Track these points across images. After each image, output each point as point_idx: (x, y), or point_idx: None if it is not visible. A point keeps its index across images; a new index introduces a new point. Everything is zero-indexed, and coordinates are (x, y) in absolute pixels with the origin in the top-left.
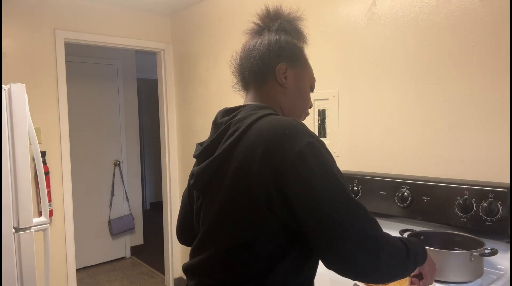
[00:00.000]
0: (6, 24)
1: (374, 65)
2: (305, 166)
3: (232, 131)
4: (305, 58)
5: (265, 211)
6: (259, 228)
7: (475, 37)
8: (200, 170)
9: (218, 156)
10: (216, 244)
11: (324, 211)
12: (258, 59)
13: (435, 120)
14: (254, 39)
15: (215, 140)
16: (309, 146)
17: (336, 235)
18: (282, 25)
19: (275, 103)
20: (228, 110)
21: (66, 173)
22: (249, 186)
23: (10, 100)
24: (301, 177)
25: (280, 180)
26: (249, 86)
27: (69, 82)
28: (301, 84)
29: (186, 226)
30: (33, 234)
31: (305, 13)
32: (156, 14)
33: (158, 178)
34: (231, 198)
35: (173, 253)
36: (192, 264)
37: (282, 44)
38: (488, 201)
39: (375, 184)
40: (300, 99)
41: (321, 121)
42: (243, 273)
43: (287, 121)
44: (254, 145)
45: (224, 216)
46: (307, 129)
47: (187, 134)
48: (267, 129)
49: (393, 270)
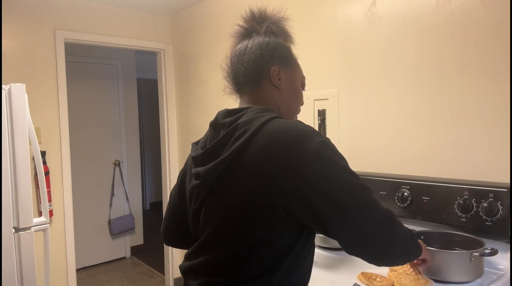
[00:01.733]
0: (6, 24)
1: (374, 65)
2: (322, 163)
3: (240, 133)
4: (294, 58)
5: (282, 213)
6: (273, 229)
7: (475, 37)
8: (206, 170)
9: (227, 157)
10: (225, 244)
11: (345, 200)
12: (252, 63)
13: (435, 120)
14: (243, 42)
15: (221, 141)
16: (323, 144)
17: (358, 220)
18: (270, 27)
19: (272, 104)
20: (229, 111)
21: (66, 173)
22: (265, 189)
23: (10, 100)
24: (320, 173)
25: (298, 180)
26: (243, 89)
27: (69, 82)
28: (294, 84)
29: (176, 226)
30: (33, 234)
31: (305, 13)
32: (156, 14)
33: (158, 178)
34: (245, 200)
35: (173, 253)
36: (194, 265)
37: (273, 47)
38: (488, 201)
39: (375, 184)
40: (294, 98)
41: (321, 121)
42: (252, 270)
43: (296, 123)
44: (267, 148)
45: (235, 218)
46: (315, 130)
47: (187, 134)
48: (279, 131)
49: (406, 249)
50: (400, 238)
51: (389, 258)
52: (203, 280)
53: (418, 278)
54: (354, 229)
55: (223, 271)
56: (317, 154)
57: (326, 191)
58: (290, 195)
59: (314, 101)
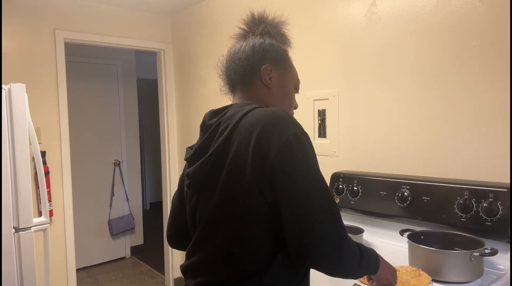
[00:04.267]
0: (6, 24)
1: (374, 65)
2: (287, 158)
3: (223, 128)
4: (289, 60)
5: (258, 197)
6: (255, 218)
7: (475, 37)
8: (195, 169)
9: (212, 154)
10: (216, 241)
11: (300, 197)
12: (243, 61)
13: (435, 120)
14: (240, 42)
15: (206, 140)
16: (294, 137)
17: (308, 220)
18: (266, 28)
19: (262, 103)
20: (215, 111)
21: (66, 173)
22: (243, 174)
23: (10, 100)
24: (285, 166)
25: (268, 167)
26: (235, 87)
27: (69, 82)
28: (285, 85)
29: (177, 229)
30: (33, 234)
31: (305, 13)
32: (156, 14)
33: (158, 178)
34: (228, 195)
35: (173, 253)
36: (191, 263)
37: (266, 46)
38: (488, 201)
39: (375, 184)
40: (285, 99)
41: (321, 121)
42: (245, 267)
43: (274, 111)
44: (245, 137)
45: (221, 211)
46: (293, 119)
47: (187, 134)
48: (256, 120)
49: (351, 267)
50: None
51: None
52: (200, 280)
53: (419, 275)
54: (300, 228)
55: (217, 269)
56: (285, 147)
57: (284, 187)
58: (263, 180)
59: (314, 101)
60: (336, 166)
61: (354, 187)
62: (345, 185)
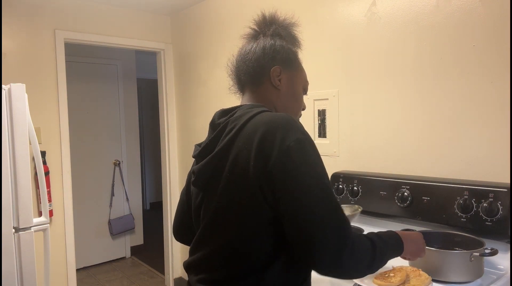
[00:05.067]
0: (6, 24)
1: (374, 65)
2: (289, 163)
3: (229, 128)
4: (299, 62)
5: (260, 199)
6: (256, 219)
7: (475, 37)
8: (200, 167)
9: (217, 153)
10: (218, 239)
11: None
12: (254, 62)
13: (435, 120)
14: (250, 43)
15: (214, 139)
16: (297, 143)
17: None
18: (277, 30)
19: (270, 104)
20: (225, 111)
21: (66, 173)
22: (246, 176)
23: (10, 100)
24: (286, 172)
25: (269, 171)
26: (245, 88)
27: (69, 82)
28: (294, 87)
29: (183, 224)
30: (33, 234)
31: (305, 13)
32: (156, 14)
33: (158, 178)
34: (229, 190)
35: (173, 253)
36: (194, 260)
37: (277, 48)
38: (488, 201)
39: (375, 184)
40: (294, 101)
41: (321, 121)
42: (246, 266)
43: (280, 116)
44: (249, 139)
45: (223, 209)
46: (298, 125)
47: (187, 134)
48: (261, 123)
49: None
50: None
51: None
52: (202, 277)
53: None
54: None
55: (219, 266)
56: (287, 152)
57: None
58: (265, 183)
59: (314, 101)
60: (336, 166)
61: (354, 187)
62: (345, 185)
